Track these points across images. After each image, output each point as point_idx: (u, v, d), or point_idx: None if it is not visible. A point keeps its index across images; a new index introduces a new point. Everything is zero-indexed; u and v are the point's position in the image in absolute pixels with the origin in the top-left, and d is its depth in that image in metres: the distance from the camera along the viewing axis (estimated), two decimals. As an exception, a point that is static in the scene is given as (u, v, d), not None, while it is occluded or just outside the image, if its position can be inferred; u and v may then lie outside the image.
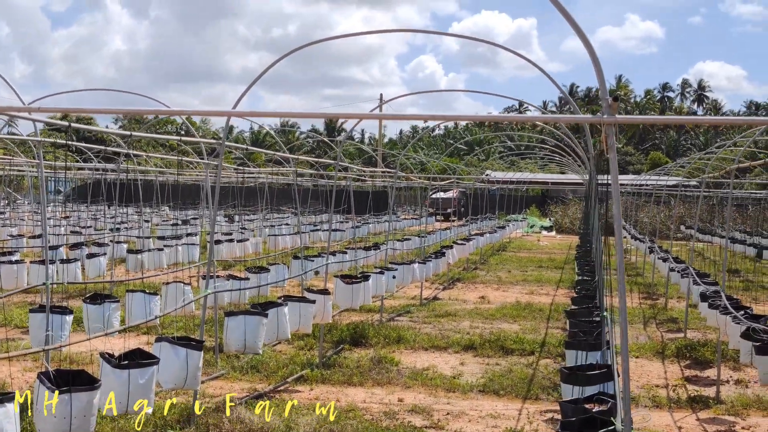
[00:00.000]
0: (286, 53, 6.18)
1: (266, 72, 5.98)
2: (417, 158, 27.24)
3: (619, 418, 4.53)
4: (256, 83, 7.02)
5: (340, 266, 13.64)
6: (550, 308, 14.81)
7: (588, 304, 9.44)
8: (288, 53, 6.69)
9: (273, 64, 5.96)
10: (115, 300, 8.12)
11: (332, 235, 20.68)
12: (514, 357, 10.75)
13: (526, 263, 23.64)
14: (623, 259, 3.96)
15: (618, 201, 3.26)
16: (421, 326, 12.70)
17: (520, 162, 37.28)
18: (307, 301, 8.65)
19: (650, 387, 9.33)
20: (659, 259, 16.72)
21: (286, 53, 6.35)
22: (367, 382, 9.20)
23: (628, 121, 3.19)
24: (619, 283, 3.48)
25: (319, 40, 6.85)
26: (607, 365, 5.83)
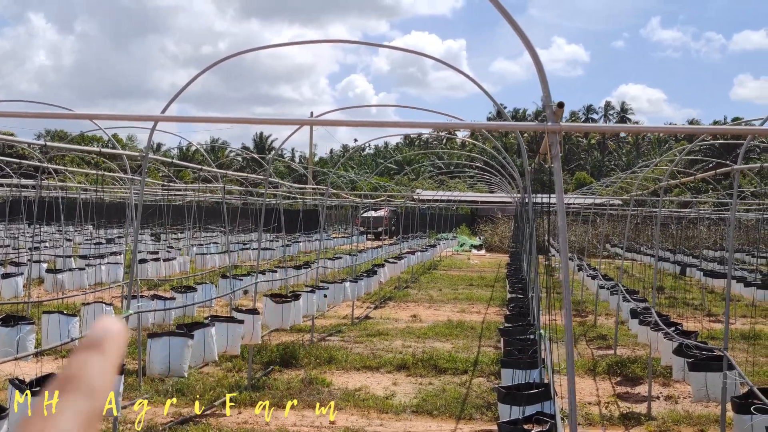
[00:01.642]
0: (216, 61, 5.94)
1: (195, 80, 5.74)
2: (348, 176, 27.10)
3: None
4: (182, 98, 6.75)
5: (270, 285, 13.33)
6: (481, 326, 14.78)
7: (521, 322, 9.40)
8: (218, 61, 6.45)
9: (203, 71, 5.71)
10: (29, 322, 7.64)
11: (262, 254, 20.31)
12: (447, 376, 10.63)
13: (456, 281, 23.68)
14: (568, 275, 3.86)
15: (563, 211, 3.15)
16: (353, 346, 12.47)
17: (450, 181, 37.57)
18: (236, 321, 8.34)
19: (583, 404, 9.32)
20: (588, 276, 16.93)
21: (217, 61, 6.12)
22: (298, 405, 8.92)
23: (572, 128, 3.08)
24: (564, 298, 3.37)
25: (247, 50, 6.64)
26: (545, 384, 5.74)
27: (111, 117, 4.17)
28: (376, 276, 15.94)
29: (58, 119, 67.93)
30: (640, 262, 25.12)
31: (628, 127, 10.94)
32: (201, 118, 4.51)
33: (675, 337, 7.83)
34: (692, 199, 23.29)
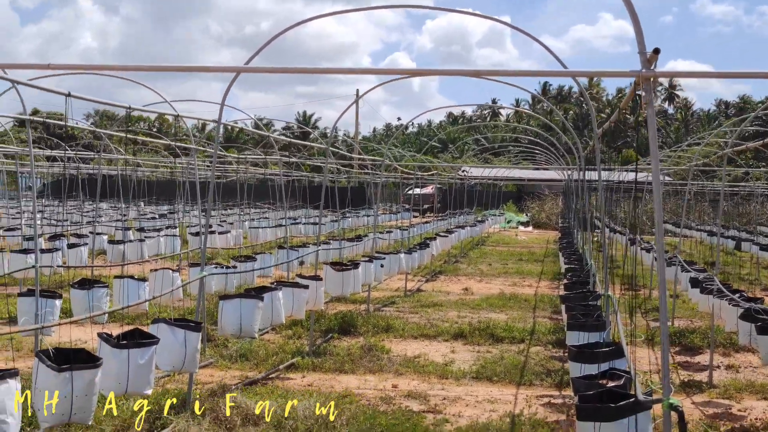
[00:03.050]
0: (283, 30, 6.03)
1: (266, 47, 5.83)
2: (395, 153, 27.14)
3: (639, 390, 4.47)
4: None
5: (326, 256, 13.50)
6: (535, 299, 14.80)
7: (580, 290, 9.41)
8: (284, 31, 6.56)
9: (285, 30, 5.80)
10: (103, 285, 7.91)
11: (313, 229, 20.53)
12: (504, 345, 10.70)
13: (506, 256, 23.66)
14: (662, 233, 3.87)
15: (656, 160, 3.17)
16: (408, 316, 12.60)
17: (494, 159, 37.36)
18: (301, 287, 8.51)
19: (642, 373, 9.31)
20: (642, 249, 16.79)
21: (284, 30, 6.20)
22: (359, 370, 9.08)
23: (666, 75, 3.10)
24: (658, 251, 3.40)
25: (313, 18, 6.73)
26: (615, 343, 5.78)
27: (189, 68, 4.27)
28: (428, 249, 16.04)
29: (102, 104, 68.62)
30: (693, 238, 24.79)
31: (723, 72, 10.61)
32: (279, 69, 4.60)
33: (741, 302, 7.78)
34: (750, 169, 22.84)
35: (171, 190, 31.32)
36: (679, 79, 77.32)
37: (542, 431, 7.06)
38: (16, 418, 4.61)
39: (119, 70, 4.79)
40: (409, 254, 14.14)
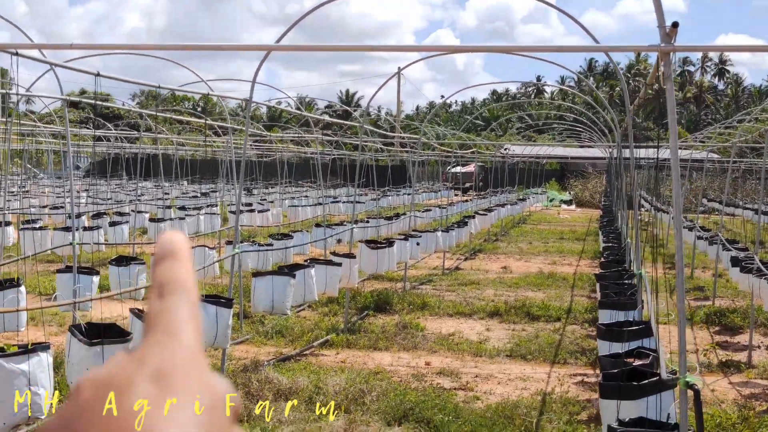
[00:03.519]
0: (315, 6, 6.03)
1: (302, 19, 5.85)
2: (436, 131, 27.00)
3: (664, 370, 4.43)
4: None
5: (363, 234, 13.56)
6: (573, 278, 14.67)
7: (616, 269, 9.31)
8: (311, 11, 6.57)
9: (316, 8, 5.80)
10: (141, 262, 8.08)
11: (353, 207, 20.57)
12: (540, 323, 10.65)
13: (547, 235, 23.46)
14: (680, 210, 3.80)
15: (675, 133, 3.11)
16: (444, 294, 12.61)
17: (537, 136, 36.95)
18: (334, 264, 8.58)
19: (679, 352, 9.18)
20: (685, 228, 16.50)
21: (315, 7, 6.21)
22: (393, 347, 9.13)
23: (685, 49, 3.04)
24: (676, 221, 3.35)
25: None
26: (644, 321, 5.72)
27: (218, 47, 4.31)
28: (467, 227, 15.98)
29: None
30: (739, 217, 24.25)
31: (748, 46, 10.23)
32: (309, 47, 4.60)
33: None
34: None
35: (214, 169, 31.75)
36: (729, 54, 75.27)
37: (573, 409, 7.03)
38: (48, 390, 4.77)
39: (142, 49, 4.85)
40: (447, 233, 14.12)
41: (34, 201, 20.58)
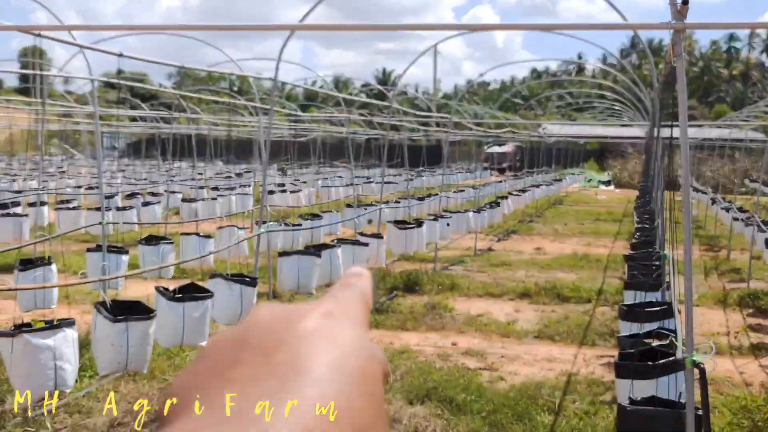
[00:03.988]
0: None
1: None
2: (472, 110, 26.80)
3: (680, 350, 4.39)
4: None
5: (394, 214, 13.57)
6: (607, 259, 14.53)
7: (647, 250, 9.19)
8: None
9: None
10: (169, 242, 8.21)
11: (386, 188, 20.64)
12: (570, 304, 10.59)
13: (583, 216, 23.24)
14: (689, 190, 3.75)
15: (685, 114, 3.07)
16: (475, 275, 12.59)
17: (577, 115, 36.47)
18: (360, 244, 8.62)
19: (711, 334, 9.08)
20: (722, 209, 16.22)
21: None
22: (421, 327, 9.17)
23: (696, 26, 2.98)
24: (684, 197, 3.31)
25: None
26: (667, 303, 5.66)
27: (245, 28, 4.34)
28: (499, 207, 15.90)
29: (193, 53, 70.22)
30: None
31: (761, 23, 9.83)
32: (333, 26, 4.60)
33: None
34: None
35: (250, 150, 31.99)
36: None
37: (597, 390, 7.00)
38: (73, 365, 4.91)
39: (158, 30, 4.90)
40: (478, 213, 14.07)
41: (71, 181, 21.01)
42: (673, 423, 3.53)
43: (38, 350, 4.83)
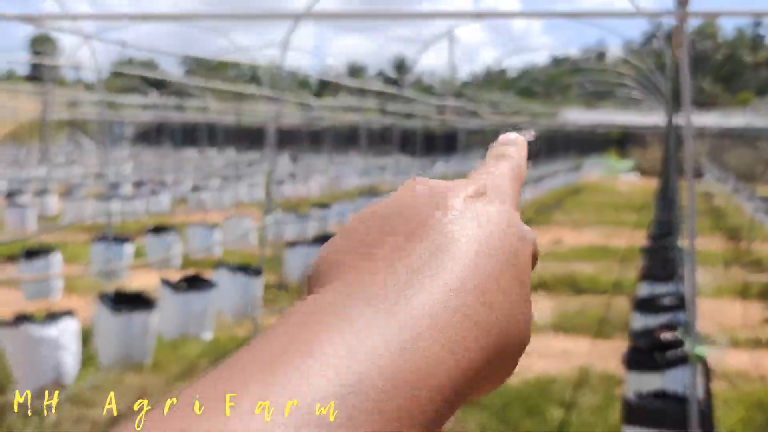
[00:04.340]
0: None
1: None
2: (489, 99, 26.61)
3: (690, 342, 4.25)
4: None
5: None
6: (626, 250, 14.32)
7: (663, 241, 9.03)
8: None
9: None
10: (176, 232, 8.15)
11: (399, 176, 20.53)
12: (586, 296, 10.43)
13: (602, 206, 22.98)
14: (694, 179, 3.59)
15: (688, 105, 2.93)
16: (490, 265, 12.44)
17: (598, 102, 36.14)
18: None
19: (728, 327, 8.89)
20: (745, 199, 15.95)
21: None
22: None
23: (699, 14, 2.83)
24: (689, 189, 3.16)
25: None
26: (681, 294, 5.52)
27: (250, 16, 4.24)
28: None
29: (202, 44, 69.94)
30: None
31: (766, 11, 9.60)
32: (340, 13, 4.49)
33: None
34: None
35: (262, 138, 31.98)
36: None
37: (611, 383, 6.86)
38: (74, 356, 4.86)
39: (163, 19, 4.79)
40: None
41: (79, 170, 21.02)
42: (678, 417, 3.41)
43: (39, 341, 4.79)
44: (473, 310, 0.35)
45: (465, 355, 0.33)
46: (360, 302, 0.33)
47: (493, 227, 0.39)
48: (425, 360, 0.31)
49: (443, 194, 0.40)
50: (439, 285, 0.35)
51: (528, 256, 0.40)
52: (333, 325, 0.31)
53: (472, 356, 0.34)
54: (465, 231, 0.38)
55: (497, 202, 0.41)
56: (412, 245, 0.37)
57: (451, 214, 0.39)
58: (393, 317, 0.32)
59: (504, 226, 0.39)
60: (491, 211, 0.40)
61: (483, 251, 0.37)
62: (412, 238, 0.37)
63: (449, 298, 0.34)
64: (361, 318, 0.32)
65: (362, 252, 0.37)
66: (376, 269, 0.36)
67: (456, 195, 0.40)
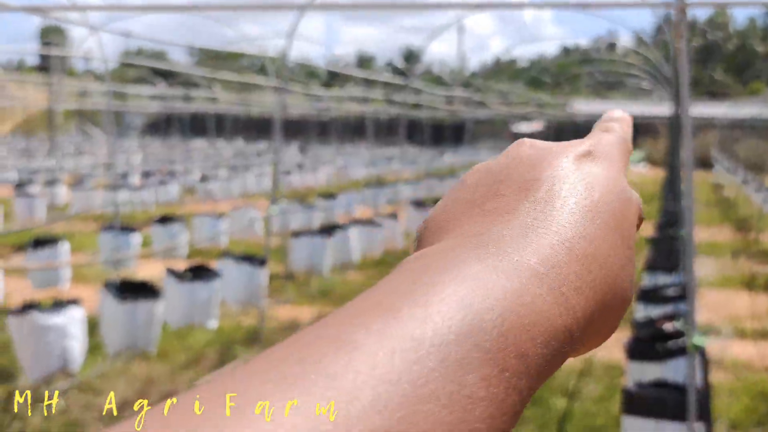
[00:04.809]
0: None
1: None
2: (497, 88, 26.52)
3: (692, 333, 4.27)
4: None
5: (413, 194, 13.47)
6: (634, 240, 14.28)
7: (669, 231, 9.02)
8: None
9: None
10: (182, 222, 8.20)
11: (407, 167, 20.51)
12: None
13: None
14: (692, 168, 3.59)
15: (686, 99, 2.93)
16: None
17: (608, 92, 35.96)
18: (374, 225, 8.54)
19: (734, 318, 8.88)
20: (753, 190, 15.89)
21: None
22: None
23: (699, 4, 2.82)
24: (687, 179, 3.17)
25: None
26: (684, 285, 5.53)
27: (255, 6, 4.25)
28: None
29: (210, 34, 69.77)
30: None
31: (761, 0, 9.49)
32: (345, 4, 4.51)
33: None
34: None
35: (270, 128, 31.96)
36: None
37: (614, 373, 6.88)
38: (81, 342, 4.92)
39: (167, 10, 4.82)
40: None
41: (88, 160, 21.10)
42: (676, 407, 3.44)
43: (46, 329, 4.84)
44: (583, 265, 0.36)
45: (576, 305, 0.34)
46: (470, 255, 0.33)
47: (600, 188, 0.40)
48: (537, 306, 0.32)
49: (552, 154, 0.41)
50: (548, 239, 0.36)
51: (634, 219, 0.42)
52: (444, 275, 0.31)
53: (582, 306, 0.35)
54: (574, 190, 0.39)
55: (605, 165, 0.42)
56: (520, 202, 0.38)
57: (560, 173, 0.40)
58: (506, 267, 0.33)
59: (611, 188, 0.40)
60: (599, 173, 0.41)
61: (591, 210, 0.38)
62: (521, 195, 0.38)
63: (558, 252, 0.35)
64: (470, 268, 0.32)
65: (470, 209, 0.39)
66: (485, 223, 0.37)
67: (565, 155, 0.41)
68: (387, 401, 0.26)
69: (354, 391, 0.26)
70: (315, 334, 0.29)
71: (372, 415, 0.25)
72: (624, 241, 0.39)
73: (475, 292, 0.31)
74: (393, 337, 0.28)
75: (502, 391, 0.29)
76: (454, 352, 0.28)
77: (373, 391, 0.26)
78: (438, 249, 0.35)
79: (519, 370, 0.30)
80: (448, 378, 0.28)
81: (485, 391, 0.29)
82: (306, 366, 0.27)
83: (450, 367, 0.28)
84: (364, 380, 0.26)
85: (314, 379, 0.26)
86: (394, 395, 0.26)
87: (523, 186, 0.39)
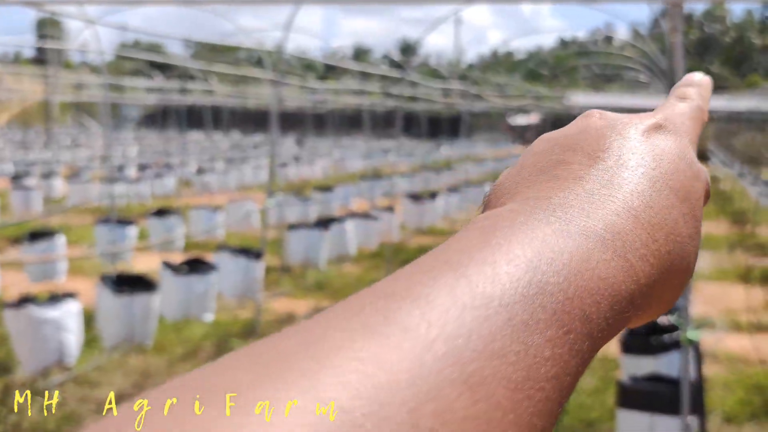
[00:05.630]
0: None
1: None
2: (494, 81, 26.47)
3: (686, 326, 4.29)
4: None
5: (410, 187, 13.47)
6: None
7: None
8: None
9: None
10: (178, 215, 8.20)
11: (404, 159, 20.51)
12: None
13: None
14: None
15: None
16: (492, 248, 12.45)
17: (606, 85, 35.90)
18: (371, 218, 8.54)
19: (730, 311, 8.91)
20: (749, 183, 15.92)
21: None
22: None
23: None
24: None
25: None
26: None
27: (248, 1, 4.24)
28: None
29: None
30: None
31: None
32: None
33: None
34: None
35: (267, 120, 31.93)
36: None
37: (610, 366, 6.91)
38: (77, 336, 4.92)
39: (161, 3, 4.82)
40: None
41: (85, 153, 21.08)
42: (670, 400, 3.46)
43: (42, 322, 4.85)
44: (648, 233, 0.36)
45: (639, 271, 0.35)
46: (538, 218, 0.34)
47: (669, 160, 0.40)
48: (602, 272, 0.33)
49: (622, 125, 0.42)
50: (614, 206, 0.36)
51: (701, 193, 0.42)
52: (512, 236, 0.32)
53: (646, 273, 0.35)
54: (642, 161, 0.39)
55: (675, 138, 0.42)
56: (588, 170, 0.38)
57: (630, 144, 0.40)
58: (573, 232, 0.33)
59: (679, 161, 0.41)
60: (668, 146, 0.41)
61: (658, 181, 0.39)
62: (590, 163, 0.39)
63: (625, 219, 0.36)
64: (537, 231, 0.33)
65: (537, 175, 0.39)
66: (552, 189, 0.37)
67: (635, 127, 0.42)
68: (459, 355, 0.26)
69: (427, 344, 0.26)
70: (389, 288, 0.29)
71: (445, 367, 0.26)
72: (691, 213, 0.40)
73: (542, 254, 0.31)
74: (464, 294, 0.29)
75: (566, 352, 0.30)
76: (520, 312, 0.29)
77: (446, 344, 0.26)
78: (506, 210, 0.35)
79: (582, 333, 0.31)
80: (515, 337, 0.28)
81: (550, 352, 0.29)
82: (382, 316, 0.27)
83: (517, 327, 0.28)
84: (437, 333, 0.27)
85: (390, 330, 0.27)
86: (465, 350, 0.27)
87: (592, 155, 0.39)
